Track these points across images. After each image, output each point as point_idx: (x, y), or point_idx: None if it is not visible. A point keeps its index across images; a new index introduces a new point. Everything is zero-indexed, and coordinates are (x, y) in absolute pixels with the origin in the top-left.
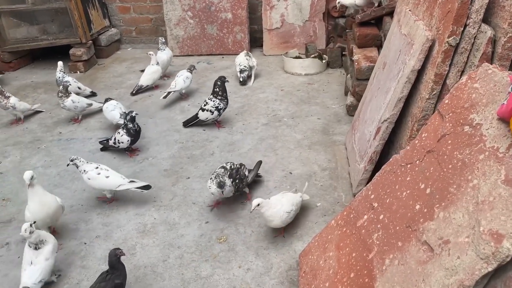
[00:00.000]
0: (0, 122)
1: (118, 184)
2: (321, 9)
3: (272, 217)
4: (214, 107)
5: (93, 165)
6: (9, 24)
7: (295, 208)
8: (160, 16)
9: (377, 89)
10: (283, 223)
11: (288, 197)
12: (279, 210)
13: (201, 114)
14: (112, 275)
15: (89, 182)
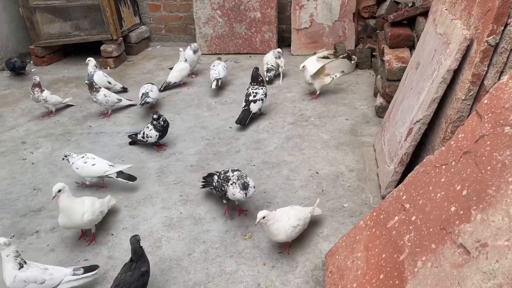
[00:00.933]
0: (33, 115)
1: (105, 170)
2: (351, 9)
3: (278, 231)
4: (264, 94)
5: (81, 155)
6: (44, 19)
7: (302, 223)
8: (190, 15)
9: (410, 90)
10: (288, 237)
11: (296, 211)
12: (284, 223)
13: (253, 106)
14: (137, 263)
15: (78, 171)
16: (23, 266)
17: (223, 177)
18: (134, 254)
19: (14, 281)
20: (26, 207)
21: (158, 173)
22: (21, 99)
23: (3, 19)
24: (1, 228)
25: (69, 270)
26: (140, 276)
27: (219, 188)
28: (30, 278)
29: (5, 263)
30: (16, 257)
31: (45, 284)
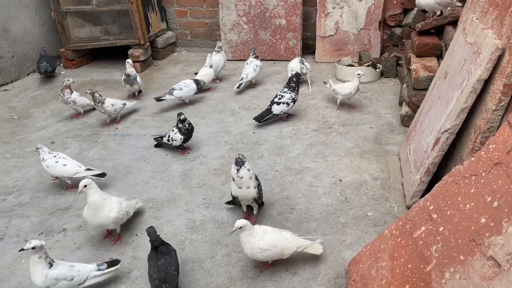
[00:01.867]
0: (62, 116)
1: (75, 172)
2: (377, 17)
3: (244, 244)
4: (291, 98)
5: (52, 154)
6: (74, 23)
7: (277, 251)
8: (215, 21)
9: (437, 99)
10: (252, 256)
11: (277, 237)
12: (255, 242)
13: (275, 108)
14: (164, 247)
15: (48, 169)
16: (52, 265)
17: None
18: (156, 241)
19: (45, 280)
20: (53, 206)
21: (182, 176)
22: (50, 101)
23: (35, 22)
24: (29, 225)
25: (93, 266)
26: (176, 254)
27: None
28: (60, 276)
29: (36, 265)
30: (46, 257)
31: (74, 281)
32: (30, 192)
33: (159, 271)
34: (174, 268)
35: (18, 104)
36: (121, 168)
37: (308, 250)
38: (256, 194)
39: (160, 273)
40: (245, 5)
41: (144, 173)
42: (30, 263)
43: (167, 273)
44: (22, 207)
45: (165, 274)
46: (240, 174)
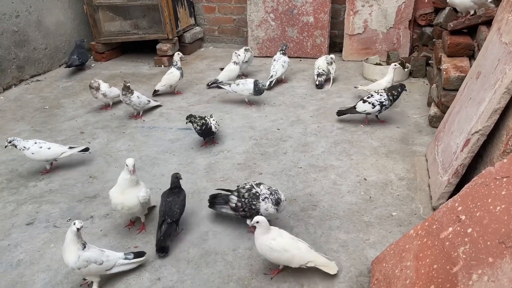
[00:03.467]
0: (92, 107)
1: (61, 152)
2: (407, 16)
3: (257, 239)
4: (378, 101)
5: (31, 141)
6: (105, 17)
7: (285, 256)
8: (243, 17)
9: (468, 100)
10: (260, 251)
11: (291, 244)
12: (267, 239)
13: (360, 105)
14: (177, 189)
15: (33, 156)
16: (85, 247)
17: (250, 195)
18: (172, 184)
19: (77, 260)
20: (82, 193)
21: (206, 169)
22: (80, 92)
23: (68, 16)
24: (58, 212)
25: (121, 254)
26: (184, 197)
27: (246, 207)
28: (91, 259)
29: (72, 245)
30: (81, 239)
31: (103, 266)
32: (59, 180)
33: (165, 205)
34: (178, 207)
35: (49, 94)
36: (148, 159)
37: (321, 267)
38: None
39: (166, 207)
40: (273, 2)
41: (170, 165)
42: (67, 242)
43: (171, 209)
44: (51, 193)
45: (169, 208)
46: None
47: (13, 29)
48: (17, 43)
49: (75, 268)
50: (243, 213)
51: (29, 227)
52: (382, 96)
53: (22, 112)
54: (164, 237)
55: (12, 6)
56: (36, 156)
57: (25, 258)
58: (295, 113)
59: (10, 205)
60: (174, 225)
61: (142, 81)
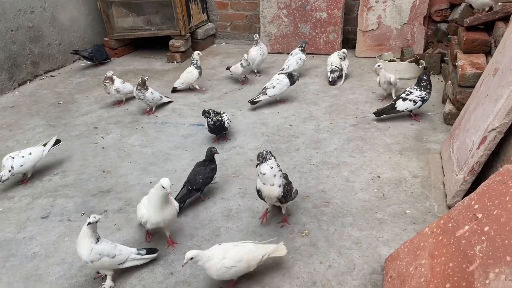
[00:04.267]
0: (105, 102)
1: (42, 150)
2: (422, 12)
3: (209, 270)
4: (419, 97)
5: (8, 159)
6: (119, 13)
7: (243, 265)
8: (255, 13)
9: (485, 97)
10: (219, 277)
11: (240, 250)
12: (217, 263)
13: (400, 104)
14: (209, 162)
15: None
16: (98, 240)
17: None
18: (206, 157)
19: (90, 253)
20: (96, 188)
21: (218, 165)
22: (94, 87)
23: (82, 11)
24: (73, 206)
25: (134, 250)
26: (211, 170)
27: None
28: (104, 252)
29: (86, 238)
30: (95, 232)
31: (115, 259)
32: (74, 174)
33: (191, 173)
34: (201, 177)
35: (63, 90)
36: (160, 155)
37: (274, 255)
38: (280, 193)
39: (191, 175)
40: None
41: (183, 160)
42: (81, 235)
43: (195, 177)
44: (66, 187)
45: (193, 176)
46: (262, 170)
47: (28, 25)
48: (32, 39)
49: (88, 261)
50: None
51: (44, 220)
52: (420, 91)
53: (37, 107)
54: (179, 200)
55: (27, 2)
56: (25, 166)
57: (40, 251)
58: (307, 109)
59: (25, 198)
60: (194, 193)
61: (155, 77)
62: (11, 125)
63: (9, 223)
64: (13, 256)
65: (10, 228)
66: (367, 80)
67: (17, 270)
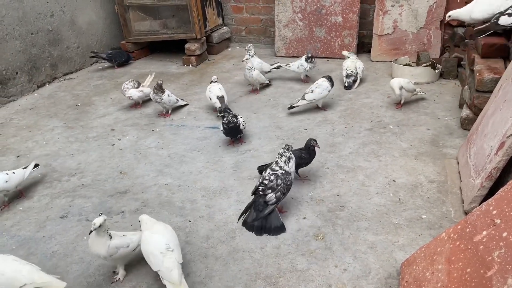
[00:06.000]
0: (122, 105)
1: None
2: (438, 16)
3: None
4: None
5: None
6: (136, 17)
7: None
8: (270, 17)
9: (503, 102)
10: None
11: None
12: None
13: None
14: (307, 150)
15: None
16: (111, 236)
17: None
18: (305, 146)
19: (108, 249)
20: (113, 189)
21: (233, 168)
22: (111, 90)
23: (100, 15)
24: (90, 206)
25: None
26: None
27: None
28: (119, 245)
29: (100, 238)
30: (107, 230)
31: (129, 247)
32: (91, 175)
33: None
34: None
35: (81, 92)
36: (176, 157)
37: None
38: None
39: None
40: (301, 2)
41: (198, 163)
42: (93, 236)
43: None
44: (84, 188)
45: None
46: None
47: (47, 28)
48: (51, 42)
49: (107, 256)
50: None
51: (62, 220)
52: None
53: (55, 109)
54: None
55: (47, 6)
56: (10, 183)
57: (59, 250)
58: (322, 113)
59: (44, 198)
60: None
61: (170, 80)
62: (30, 126)
63: (29, 222)
64: (32, 254)
65: (30, 227)
66: (383, 84)
67: None
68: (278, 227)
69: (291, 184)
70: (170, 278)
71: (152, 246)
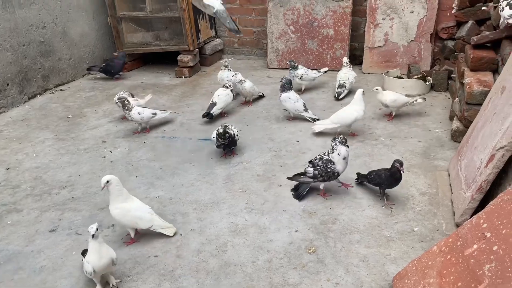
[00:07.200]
0: (113, 116)
1: None
2: (429, 29)
3: None
4: None
5: None
6: (128, 29)
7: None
8: (263, 30)
9: (493, 115)
10: None
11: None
12: None
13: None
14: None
15: None
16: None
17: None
18: (391, 167)
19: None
20: (104, 202)
21: (225, 180)
22: (103, 101)
23: (92, 27)
24: (81, 219)
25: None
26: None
27: (323, 172)
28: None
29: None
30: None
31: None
32: (82, 188)
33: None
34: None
35: (73, 103)
36: (168, 169)
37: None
38: None
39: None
40: (294, 15)
41: (190, 175)
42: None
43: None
44: (74, 201)
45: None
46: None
47: (39, 40)
48: (43, 53)
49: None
50: (321, 178)
51: (52, 234)
52: None
53: (46, 121)
54: None
55: (39, 18)
56: None
57: (48, 264)
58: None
59: (34, 211)
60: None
61: (163, 91)
62: (21, 138)
63: (17, 236)
64: (21, 269)
65: (19, 241)
66: (374, 96)
67: (25, 283)
68: (296, 194)
69: (332, 172)
70: (164, 225)
71: (139, 211)
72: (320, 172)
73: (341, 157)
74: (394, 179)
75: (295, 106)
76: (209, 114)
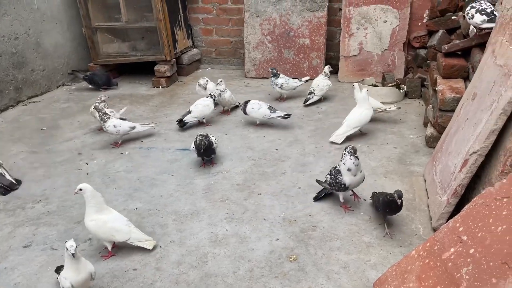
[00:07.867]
0: (89, 128)
1: None
2: (401, 39)
3: None
4: None
5: None
6: (104, 39)
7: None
8: (240, 39)
9: (465, 121)
10: None
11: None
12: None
13: None
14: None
15: None
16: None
17: (335, 171)
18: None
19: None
20: (80, 215)
21: (205, 190)
22: (78, 113)
23: (67, 37)
24: (56, 234)
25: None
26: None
27: (333, 182)
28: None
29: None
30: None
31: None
32: (57, 201)
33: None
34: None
35: (47, 115)
36: (146, 180)
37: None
38: None
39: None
40: (270, 25)
41: (168, 185)
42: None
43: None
44: (49, 215)
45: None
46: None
47: (11, 51)
48: (15, 65)
49: None
50: (334, 188)
51: (26, 249)
52: None
53: (19, 134)
54: None
55: (11, 29)
56: None
57: (22, 281)
58: (292, 133)
59: (7, 227)
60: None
61: (139, 102)
62: None
63: None
64: None
65: None
66: (351, 103)
67: None
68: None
69: (340, 183)
70: (143, 238)
71: (116, 223)
72: (332, 182)
73: (346, 168)
74: (389, 208)
75: (260, 113)
76: (181, 121)
